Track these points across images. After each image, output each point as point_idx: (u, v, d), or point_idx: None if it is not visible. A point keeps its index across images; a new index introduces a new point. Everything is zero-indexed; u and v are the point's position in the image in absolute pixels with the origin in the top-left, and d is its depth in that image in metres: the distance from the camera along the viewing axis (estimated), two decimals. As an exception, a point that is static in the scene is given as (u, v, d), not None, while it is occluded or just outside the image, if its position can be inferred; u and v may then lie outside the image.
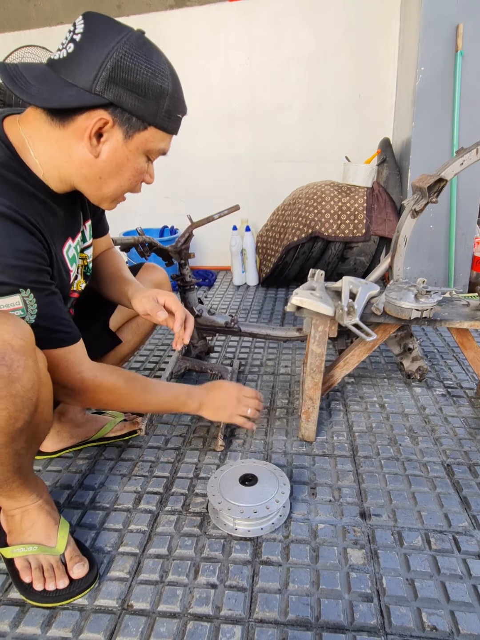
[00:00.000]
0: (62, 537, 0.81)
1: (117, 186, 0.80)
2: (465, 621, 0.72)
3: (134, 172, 0.79)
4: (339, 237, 2.28)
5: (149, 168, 0.83)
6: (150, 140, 0.77)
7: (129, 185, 0.82)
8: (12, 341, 0.64)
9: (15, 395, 0.65)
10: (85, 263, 0.96)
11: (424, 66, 2.01)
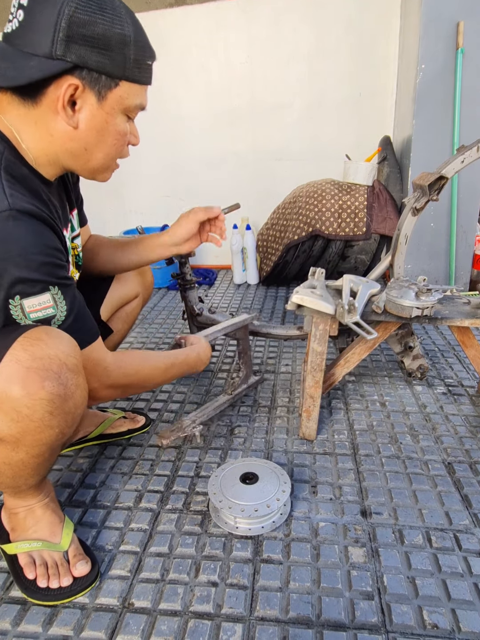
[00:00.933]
0: (67, 534, 0.81)
1: (103, 155, 0.77)
2: (466, 619, 0.72)
3: (116, 135, 0.76)
4: (339, 235, 2.28)
5: (131, 128, 0.80)
6: (125, 97, 0.73)
7: (115, 151, 0.79)
8: (66, 360, 0.66)
9: (68, 412, 0.68)
10: (75, 252, 0.95)
11: (424, 64, 2.01)
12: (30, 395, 0.63)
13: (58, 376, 0.65)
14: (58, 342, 0.67)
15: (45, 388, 0.64)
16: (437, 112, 2.07)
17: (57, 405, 0.66)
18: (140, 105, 0.77)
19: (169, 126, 2.83)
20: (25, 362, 0.63)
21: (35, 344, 0.64)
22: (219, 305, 2.33)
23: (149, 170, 2.94)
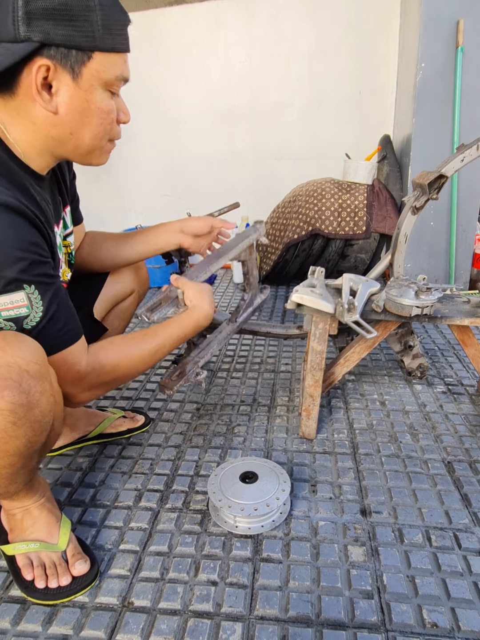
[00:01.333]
0: (64, 534, 0.81)
1: (91, 136, 0.72)
2: (466, 618, 0.72)
3: (100, 114, 0.71)
4: (339, 234, 2.27)
5: (118, 104, 0.74)
6: (102, 70, 0.67)
7: (103, 131, 0.73)
8: (27, 367, 0.63)
9: (34, 421, 0.65)
10: (68, 251, 0.92)
11: (424, 62, 2.01)
12: None
13: (19, 385, 0.61)
14: (17, 348, 0.63)
15: (4, 398, 0.60)
16: (437, 111, 2.06)
17: (21, 415, 0.62)
18: (121, 76, 0.71)
19: (168, 125, 2.82)
20: None
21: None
22: (219, 305, 2.33)
23: (148, 169, 2.94)
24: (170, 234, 1.10)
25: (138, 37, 2.65)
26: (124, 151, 2.89)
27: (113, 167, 2.90)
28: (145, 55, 2.67)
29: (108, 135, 0.75)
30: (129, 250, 1.10)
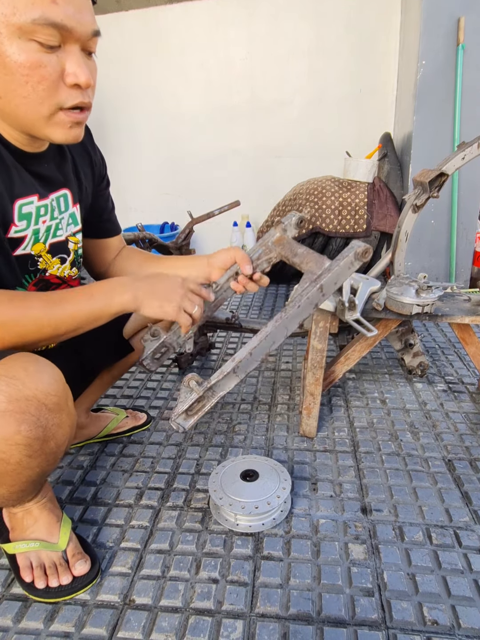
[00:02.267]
0: (64, 533, 0.81)
1: (21, 99, 0.60)
2: (466, 615, 0.72)
3: (22, 69, 0.58)
4: (339, 232, 2.27)
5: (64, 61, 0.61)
6: (11, 13, 0.55)
7: (33, 91, 0.60)
8: (46, 400, 0.62)
9: (49, 453, 0.65)
10: (75, 248, 0.89)
11: (425, 60, 2.00)
12: (5, 440, 0.60)
13: (37, 419, 0.61)
14: (37, 379, 0.61)
15: (21, 432, 0.60)
16: (437, 109, 2.06)
17: (36, 448, 0.62)
18: (44, 19, 0.56)
19: (168, 123, 2.82)
20: (0, 404, 0.59)
21: (12, 384, 0.60)
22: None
23: (148, 167, 2.93)
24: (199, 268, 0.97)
25: (138, 34, 2.65)
26: (124, 149, 2.89)
27: (113, 166, 2.89)
28: (145, 53, 2.66)
29: (47, 99, 0.61)
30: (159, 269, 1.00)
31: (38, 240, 0.79)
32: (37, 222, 0.77)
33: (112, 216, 1.01)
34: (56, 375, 0.65)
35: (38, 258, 0.80)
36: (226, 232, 2.83)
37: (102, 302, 0.72)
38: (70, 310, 0.69)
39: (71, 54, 0.61)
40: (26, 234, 0.76)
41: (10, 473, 0.64)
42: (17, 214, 0.73)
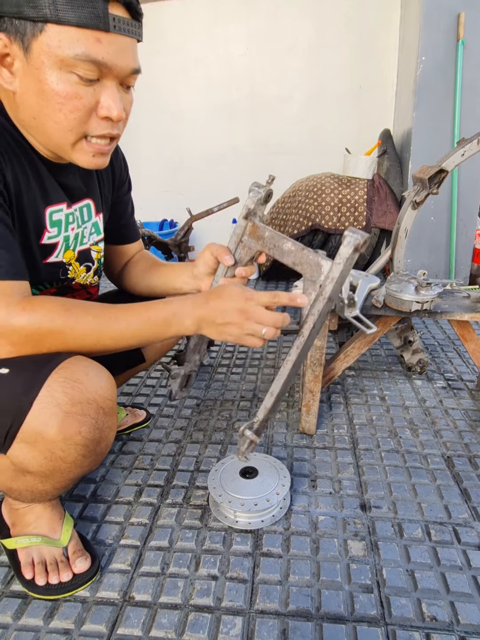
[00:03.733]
0: (67, 531, 0.82)
1: (52, 124, 0.64)
2: (465, 611, 0.73)
3: (57, 98, 0.61)
4: (339, 229, 2.27)
5: (100, 94, 0.63)
6: (56, 45, 0.58)
7: (64, 119, 0.63)
8: (104, 404, 0.66)
9: (100, 453, 0.70)
10: (98, 257, 0.90)
11: (424, 56, 1.99)
12: (66, 440, 0.63)
13: (95, 421, 0.65)
14: (97, 384, 0.65)
15: (81, 433, 0.64)
16: (437, 105, 2.05)
17: (91, 449, 0.67)
18: (86, 56, 0.59)
19: (167, 120, 2.81)
20: (64, 406, 0.62)
21: (75, 387, 0.63)
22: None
23: (147, 164, 2.93)
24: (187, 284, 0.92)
25: (136, 30, 2.64)
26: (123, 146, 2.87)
27: (112, 163, 2.88)
28: (143, 50, 2.64)
29: (77, 127, 0.64)
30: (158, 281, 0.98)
31: (68, 247, 0.81)
32: (67, 229, 0.80)
33: (130, 222, 1.00)
34: (111, 380, 0.69)
35: (68, 266, 0.83)
36: (225, 229, 2.83)
37: (159, 327, 0.70)
38: (122, 327, 0.68)
39: (107, 88, 0.64)
40: (58, 241, 0.78)
41: (63, 471, 0.68)
42: (49, 221, 0.75)
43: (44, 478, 0.69)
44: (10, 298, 0.62)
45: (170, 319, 0.70)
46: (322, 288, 0.72)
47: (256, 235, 0.78)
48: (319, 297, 0.73)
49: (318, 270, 0.72)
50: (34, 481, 0.70)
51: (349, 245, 0.69)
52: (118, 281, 1.06)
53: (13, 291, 0.63)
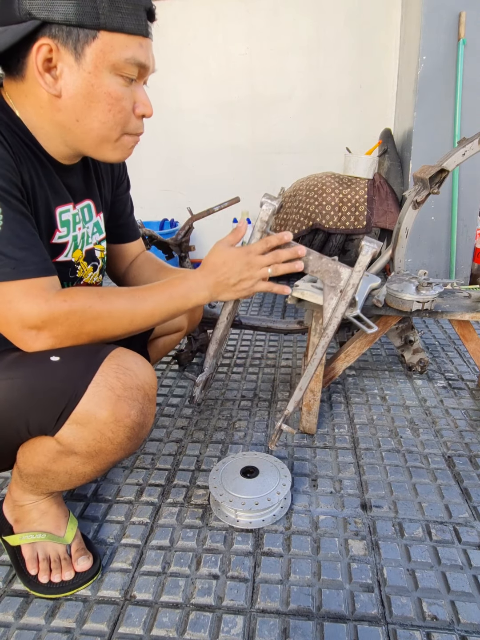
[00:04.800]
0: (71, 529, 0.82)
1: (99, 124, 0.68)
2: (466, 611, 0.73)
3: (109, 99, 0.66)
4: (340, 229, 2.27)
5: (136, 94, 0.70)
6: (108, 50, 0.63)
7: (112, 119, 0.68)
8: (150, 391, 0.71)
9: (141, 438, 0.73)
10: (102, 255, 0.92)
11: (425, 55, 1.99)
12: (117, 421, 0.66)
13: (142, 406, 0.69)
14: (145, 373, 0.70)
15: (130, 417, 0.67)
16: (438, 105, 2.05)
17: (136, 432, 0.70)
18: (133, 59, 0.65)
19: (167, 119, 2.81)
20: (118, 390, 0.66)
21: (128, 374, 0.67)
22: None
23: (147, 163, 2.92)
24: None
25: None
26: (124, 146, 2.87)
27: (112, 162, 2.88)
28: (144, 49, 2.65)
29: (120, 125, 0.70)
30: None
31: (77, 246, 0.83)
32: (75, 229, 0.82)
33: (129, 221, 1.01)
34: (154, 371, 0.73)
35: (77, 265, 0.84)
36: (226, 228, 2.82)
37: (180, 302, 0.78)
38: (151, 306, 0.75)
39: (140, 87, 0.71)
40: (68, 240, 0.81)
41: (109, 452, 0.70)
42: (59, 220, 0.78)
43: (89, 459, 0.70)
44: (48, 293, 0.66)
45: (189, 293, 0.78)
46: (343, 293, 0.81)
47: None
48: (341, 301, 0.82)
49: (337, 277, 0.81)
50: (77, 462, 0.71)
51: (368, 254, 0.77)
52: (122, 282, 1.07)
53: (49, 286, 0.67)
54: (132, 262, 1.04)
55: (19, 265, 0.63)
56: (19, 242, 0.63)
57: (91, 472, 0.74)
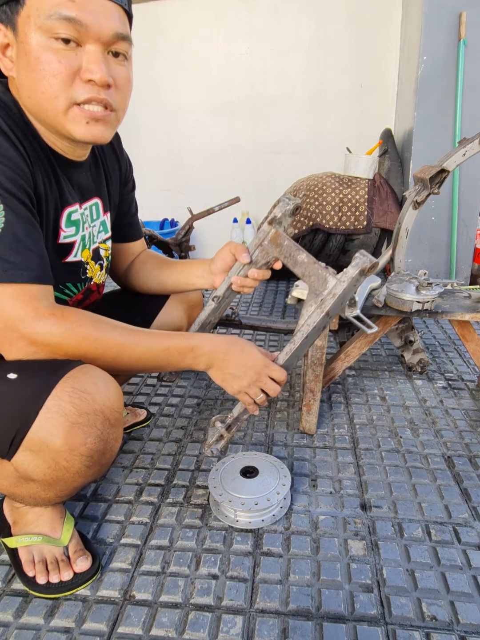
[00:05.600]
0: (67, 530, 0.82)
1: (41, 95, 0.63)
2: (465, 611, 0.73)
3: (40, 64, 0.61)
4: (340, 229, 2.27)
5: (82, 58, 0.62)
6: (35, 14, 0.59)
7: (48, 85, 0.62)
8: (110, 416, 0.66)
9: (104, 464, 0.70)
10: (107, 255, 0.92)
11: (426, 55, 1.99)
12: (71, 450, 0.63)
13: (101, 432, 0.65)
14: (105, 395, 0.65)
15: (86, 445, 0.64)
16: (438, 105, 2.05)
17: (96, 460, 0.67)
18: (58, 14, 0.59)
19: (167, 119, 2.81)
20: (71, 416, 0.62)
21: (83, 398, 0.63)
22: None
23: (147, 163, 2.92)
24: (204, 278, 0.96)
25: (137, 29, 2.63)
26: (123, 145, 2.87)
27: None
28: (144, 49, 2.65)
29: (62, 92, 0.63)
30: (170, 280, 1.02)
31: (85, 246, 0.83)
32: (82, 228, 0.81)
33: (133, 220, 1.02)
34: (119, 391, 0.69)
35: (86, 265, 0.84)
36: (226, 228, 2.83)
37: (174, 358, 0.74)
38: (142, 350, 0.71)
39: (90, 53, 0.63)
40: (75, 240, 0.80)
41: (66, 480, 0.68)
42: (65, 221, 0.76)
43: (47, 486, 0.69)
44: (38, 302, 0.64)
45: (187, 353, 0.74)
46: (322, 302, 0.75)
47: (276, 242, 0.82)
48: (317, 309, 0.76)
49: (324, 285, 0.76)
50: (37, 489, 0.70)
51: (357, 266, 0.71)
52: (123, 280, 1.07)
53: (41, 295, 0.65)
54: (133, 261, 1.05)
55: (12, 268, 0.62)
56: (17, 246, 0.62)
57: (55, 497, 0.72)
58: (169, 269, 1.02)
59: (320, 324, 0.76)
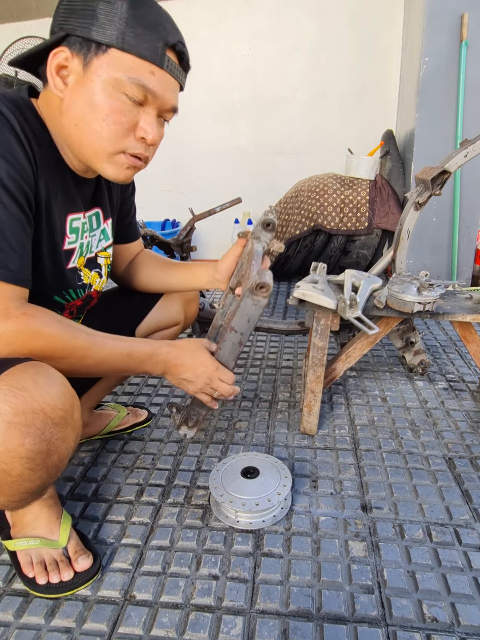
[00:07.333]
0: (65, 530, 0.82)
1: (94, 132, 0.68)
2: (466, 613, 0.73)
3: (105, 109, 0.67)
4: (341, 230, 2.27)
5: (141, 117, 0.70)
6: (114, 65, 0.65)
7: (107, 129, 0.68)
8: (52, 414, 0.62)
9: (51, 466, 0.65)
10: (107, 262, 0.93)
11: (428, 56, 1.99)
12: (8, 452, 0.59)
13: (41, 432, 0.61)
14: (45, 392, 0.62)
15: (25, 445, 0.60)
16: (440, 106, 2.05)
17: (39, 462, 0.62)
18: (138, 80, 0.66)
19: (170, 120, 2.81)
20: (6, 415, 0.58)
21: (20, 396, 0.60)
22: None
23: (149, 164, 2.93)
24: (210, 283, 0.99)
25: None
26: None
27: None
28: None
29: (115, 139, 0.70)
30: (174, 280, 1.04)
31: (82, 254, 0.85)
32: (82, 236, 0.84)
33: (132, 222, 1.03)
34: (65, 388, 0.66)
35: (80, 272, 0.85)
36: (227, 229, 2.83)
37: (134, 363, 0.77)
38: (106, 353, 0.74)
39: (148, 114, 0.71)
40: (75, 247, 0.82)
41: (11, 484, 0.63)
42: (69, 227, 0.80)
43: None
44: (11, 302, 0.64)
45: (146, 360, 0.78)
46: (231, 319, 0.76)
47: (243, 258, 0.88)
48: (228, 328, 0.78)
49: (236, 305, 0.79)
50: None
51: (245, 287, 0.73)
52: (122, 280, 1.09)
53: (15, 296, 0.65)
54: (131, 261, 1.07)
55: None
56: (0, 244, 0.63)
57: (8, 502, 0.68)
58: (172, 271, 1.04)
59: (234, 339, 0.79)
